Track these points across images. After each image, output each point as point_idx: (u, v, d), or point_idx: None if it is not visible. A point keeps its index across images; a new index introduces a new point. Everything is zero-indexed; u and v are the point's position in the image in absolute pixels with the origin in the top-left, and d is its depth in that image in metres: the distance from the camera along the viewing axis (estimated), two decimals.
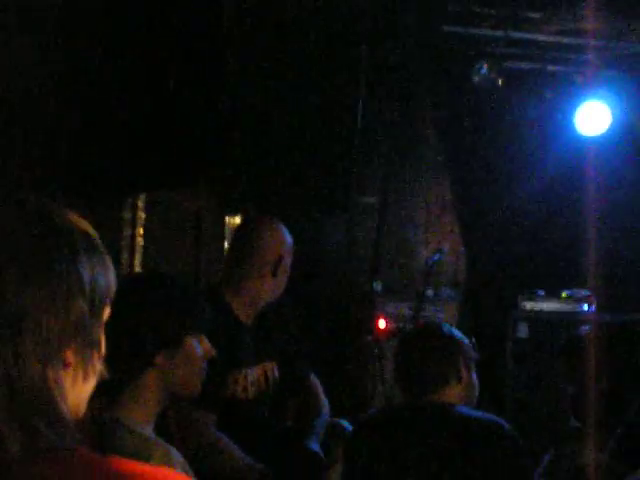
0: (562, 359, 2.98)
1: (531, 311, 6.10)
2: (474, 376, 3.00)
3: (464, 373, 2.92)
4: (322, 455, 3.29)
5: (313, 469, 3.20)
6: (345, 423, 3.66)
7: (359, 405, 5.53)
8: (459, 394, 2.92)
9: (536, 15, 6.03)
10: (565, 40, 6.20)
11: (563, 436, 3.58)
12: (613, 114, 6.21)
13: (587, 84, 6.25)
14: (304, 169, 5.31)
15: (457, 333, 3.04)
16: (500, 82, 6.10)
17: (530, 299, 6.13)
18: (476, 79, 6.15)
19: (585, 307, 6.06)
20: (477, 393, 3.04)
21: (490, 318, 6.28)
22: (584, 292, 6.16)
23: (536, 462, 2.95)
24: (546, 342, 5.77)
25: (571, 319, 5.85)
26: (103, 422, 1.95)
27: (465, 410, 2.84)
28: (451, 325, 5.75)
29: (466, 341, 3.05)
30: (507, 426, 2.78)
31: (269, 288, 3.49)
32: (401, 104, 6.39)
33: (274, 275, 3.47)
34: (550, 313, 6.04)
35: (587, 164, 6.12)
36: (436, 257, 4.98)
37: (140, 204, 4.78)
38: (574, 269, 6.30)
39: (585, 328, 3.04)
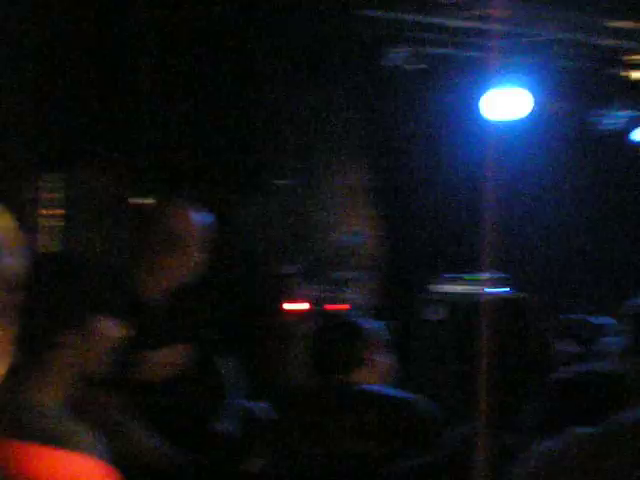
0: (450, 336, 3.11)
1: (440, 293, 6.18)
2: (385, 358, 3.05)
3: (374, 356, 2.98)
4: (233, 437, 3.27)
5: (223, 451, 3.18)
6: (256, 405, 3.64)
7: (271, 386, 5.51)
8: (370, 375, 2.96)
9: (450, 0, 6.09)
10: (477, 25, 6.26)
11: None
12: (524, 99, 6.32)
13: (499, 69, 6.33)
14: (217, 151, 5.25)
15: (365, 318, 3.16)
16: (417, 67, 6.15)
17: (440, 281, 6.21)
18: (391, 63, 6.18)
19: (493, 289, 6.16)
20: (390, 374, 3.10)
21: (401, 301, 6.34)
22: (492, 274, 6.26)
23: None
24: (454, 324, 5.85)
25: (479, 301, 5.93)
26: (16, 405, 1.88)
27: (376, 388, 2.89)
28: (363, 307, 5.83)
29: (374, 325, 3.11)
30: (420, 401, 2.83)
31: (179, 268, 3.44)
32: (318, 88, 6.38)
33: (184, 255, 3.41)
34: (460, 295, 6.13)
35: (498, 147, 6.21)
36: (350, 239, 4.98)
37: (52, 184, 4.67)
38: (482, 252, 6.40)
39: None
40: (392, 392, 2.90)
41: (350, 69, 6.33)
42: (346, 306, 5.46)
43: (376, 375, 3.01)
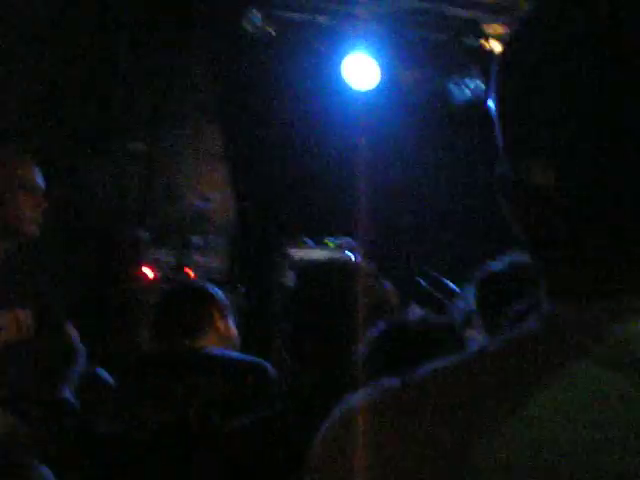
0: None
1: (299, 260, 6.20)
2: (231, 325, 3.06)
3: (219, 322, 2.97)
4: (74, 404, 3.19)
5: (64, 418, 3.10)
6: (103, 372, 3.57)
7: (122, 353, 5.43)
8: (216, 342, 2.96)
9: None
10: None
11: None
12: (381, 68, 6.38)
13: (356, 38, 6.37)
14: (68, 114, 5.08)
15: (211, 285, 3.14)
16: (271, 31, 6.10)
17: (297, 247, 6.23)
18: (248, 27, 6.11)
19: (352, 255, 6.23)
20: (238, 341, 3.11)
21: (259, 267, 6.33)
22: (351, 241, 6.34)
23: None
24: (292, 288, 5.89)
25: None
26: None
27: (221, 351, 2.88)
28: (218, 272, 5.80)
29: (219, 292, 3.12)
30: (269, 367, 2.84)
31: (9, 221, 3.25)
32: (171, 51, 6.25)
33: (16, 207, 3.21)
34: (317, 261, 6.15)
35: (356, 117, 6.26)
36: (202, 205, 4.92)
37: None
38: (342, 219, 6.47)
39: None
40: (235, 355, 2.90)
41: (204, 33, 6.23)
42: (194, 273, 5.41)
43: (222, 340, 3.00)
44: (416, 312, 7.10)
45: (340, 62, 6.34)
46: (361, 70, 6.33)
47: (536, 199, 0.77)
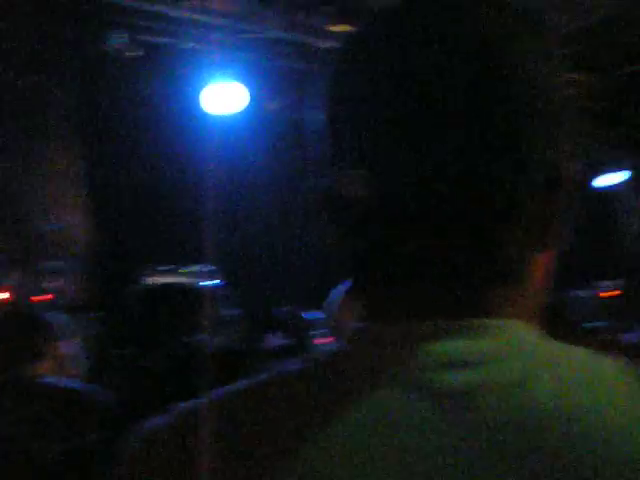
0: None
1: (151, 285, 6.10)
2: (69, 350, 2.98)
3: (50, 349, 2.89)
4: None
5: None
6: None
7: None
8: (51, 369, 2.87)
9: None
10: (199, 17, 6.24)
11: None
12: (245, 95, 6.37)
13: (219, 64, 6.35)
14: None
15: (42, 313, 3.04)
16: (135, 54, 6.01)
17: (151, 274, 6.13)
18: (109, 49, 6.01)
19: (208, 282, 6.16)
20: (76, 365, 3.03)
21: (112, 292, 6.18)
22: (207, 268, 6.28)
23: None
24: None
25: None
26: None
27: (53, 380, 2.80)
28: (69, 297, 5.61)
29: (58, 317, 3.04)
30: (96, 391, 2.77)
31: None
32: (29, 70, 6.07)
33: None
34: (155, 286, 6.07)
35: (216, 143, 6.21)
36: (51, 226, 4.76)
37: None
38: (198, 245, 6.40)
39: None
40: (69, 383, 2.82)
41: (66, 53, 6.08)
42: (50, 296, 5.23)
43: (58, 367, 2.92)
44: (272, 341, 7.11)
45: (203, 87, 6.30)
46: (224, 96, 6.30)
47: (354, 212, 0.73)
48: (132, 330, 2.22)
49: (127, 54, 5.96)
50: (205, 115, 6.33)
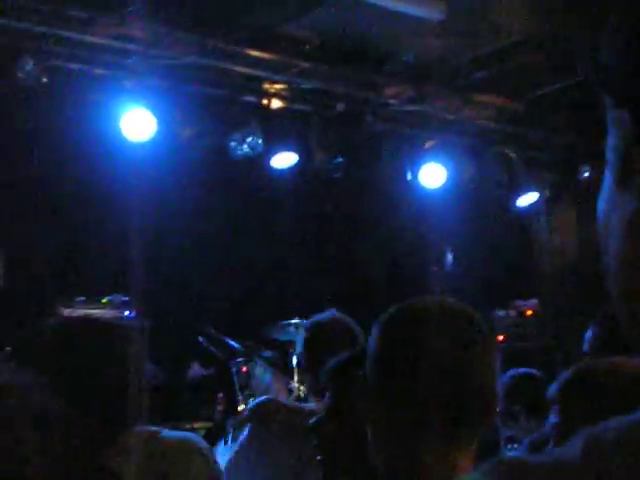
0: None
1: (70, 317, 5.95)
2: None
3: None
4: None
5: None
6: None
7: None
8: None
9: (84, 15, 5.91)
10: (112, 43, 6.15)
11: None
12: (159, 122, 6.30)
13: (133, 90, 6.26)
14: None
15: None
16: (45, 80, 5.87)
17: (69, 305, 5.99)
18: (20, 75, 5.86)
19: (126, 312, 6.05)
20: None
21: (28, 326, 6.00)
22: (124, 298, 6.17)
23: None
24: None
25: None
26: None
27: None
28: None
29: None
30: None
31: None
32: None
33: None
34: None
35: (132, 170, 6.12)
36: None
37: None
38: (117, 275, 6.29)
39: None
40: None
41: None
42: None
43: None
44: (196, 370, 6.98)
45: (116, 114, 6.20)
46: (138, 122, 6.21)
47: None
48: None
49: (37, 81, 5.81)
50: (119, 142, 6.23)
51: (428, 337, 1.51)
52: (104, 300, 6.12)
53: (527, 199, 8.24)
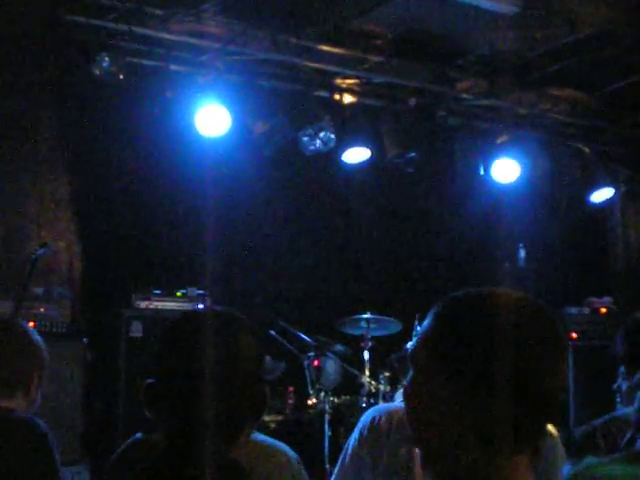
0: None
1: (145, 309, 6.06)
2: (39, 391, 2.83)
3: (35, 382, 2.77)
4: None
5: None
6: None
7: None
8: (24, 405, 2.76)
9: (160, 12, 6.02)
10: (188, 40, 6.25)
11: None
12: (233, 117, 6.37)
13: (207, 86, 6.34)
14: None
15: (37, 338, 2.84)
16: (121, 77, 5.99)
17: (145, 298, 6.09)
18: (97, 72, 5.99)
19: (200, 306, 6.13)
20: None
21: (105, 318, 6.14)
22: (199, 291, 6.25)
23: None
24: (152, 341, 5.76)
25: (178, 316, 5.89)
26: None
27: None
28: (62, 323, 5.56)
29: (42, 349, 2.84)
30: (41, 423, 2.67)
31: None
32: (16, 94, 6.04)
33: None
34: (165, 312, 6.04)
35: (207, 165, 6.20)
36: (41, 252, 4.70)
37: None
38: (191, 269, 6.38)
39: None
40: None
41: (52, 76, 6.05)
42: (32, 324, 5.14)
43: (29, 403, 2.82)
44: (268, 362, 7.03)
45: (191, 109, 6.29)
46: (212, 118, 6.29)
47: None
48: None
49: (114, 77, 5.93)
50: (193, 138, 6.32)
51: (500, 327, 1.37)
52: (179, 293, 6.21)
53: (602, 194, 8.10)
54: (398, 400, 3.33)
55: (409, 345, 3.14)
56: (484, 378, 1.34)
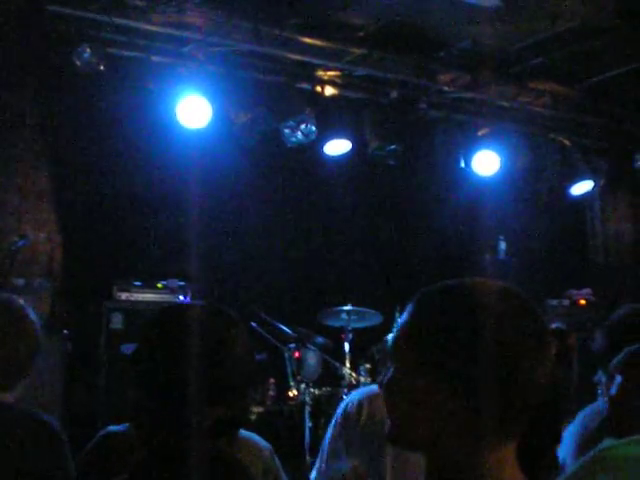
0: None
1: (126, 301, 6.05)
2: None
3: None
4: None
5: None
6: None
7: None
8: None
9: (141, 3, 5.99)
10: (169, 31, 6.22)
11: None
12: (213, 108, 6.35)
13: (189, 77, 6.32)
14: None
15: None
16: (102, 68, 5.96)
17: (125, 289, 6.08)
18: (78, 63, 5.96)
19: (181, 297, 6.13)
20: None
21: (85, 309, 6.13)
22: (180, 282, 6.25)
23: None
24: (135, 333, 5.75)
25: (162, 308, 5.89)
26: None
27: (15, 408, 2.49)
28: (42, 316, 5.54)
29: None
30: (55, 423, 2.52)
31: None
32: None
33: None
34: (146, 303, 6.03)
35: (188, 157, 6.20)
36: (20, 243, 4.69)
37: None
38: (172, 260, 6.38)
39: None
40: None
41: (34, 69, 6.02)
42: None
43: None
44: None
45: (172, 100, 6.28)
46: (194, 109, 6.28)
47: None
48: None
49: (95, 68, 5.90)
50: (175, 129, 6.30)
51: (482, 317, 1.34)
52: (159, 285, 6.20)
53: (582, 187, 8.15)
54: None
55: (389, 337, 3.14)
56: (465, 369, 1.32)
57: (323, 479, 3.12)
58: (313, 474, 3.22)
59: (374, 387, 3.25)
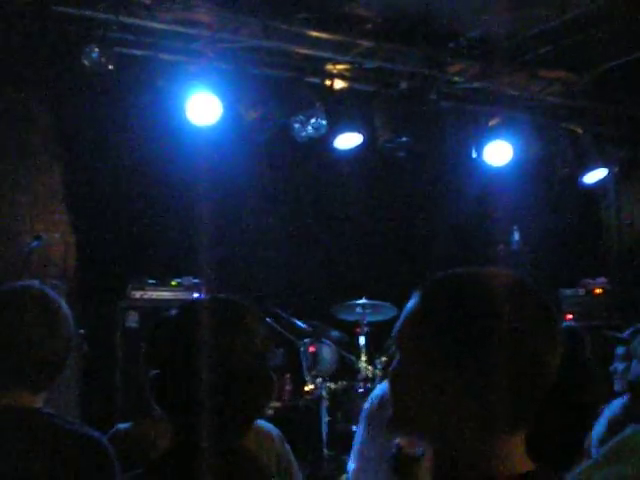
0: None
1: (141, 299, 6.06)
2: None
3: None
4: None
5: None
6: None
7: None
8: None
9: (148, 1, 5.99)
10: (177, 29, 6.22)
11: None
12: (223, 105, 6.35)
13: (198, 74, 6.32)
14: None
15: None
16: (111, 67, 5.96)
17: (140, 288, 6.09)
18: (87, 63, 5.96)
19: (195, 294, 6.13)
20: None
21: (100, 309, 6.14)
22: (194, 280, 6.25)
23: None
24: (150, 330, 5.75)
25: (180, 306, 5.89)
26: None
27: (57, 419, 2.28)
28: None
29: None
30: (104, 440, 2.35)
31: None
32: (8, 87, 6.02)
33: None
34: (161, 301, 6.03)
35: (198, 154, 6.19)
36: (35, 244, 4.70)
37: None
38: (186, 258, 6.38)
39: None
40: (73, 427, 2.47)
41: (44, 69, 6.03)
42: None
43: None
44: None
45: (182, 98, 6.27)
46: (203, 106, 6.27)
47: None
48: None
49: (104, 68, 5.90)
50: (185, 127, 6.30)
51: (492, 306, 1.31)
52: (174, 282, 6.21)
53: (595, 176, 8.10)
54: None
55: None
56: (475, 359, 1.31)
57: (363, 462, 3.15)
58: (350, 466, 3.25)
59: None
